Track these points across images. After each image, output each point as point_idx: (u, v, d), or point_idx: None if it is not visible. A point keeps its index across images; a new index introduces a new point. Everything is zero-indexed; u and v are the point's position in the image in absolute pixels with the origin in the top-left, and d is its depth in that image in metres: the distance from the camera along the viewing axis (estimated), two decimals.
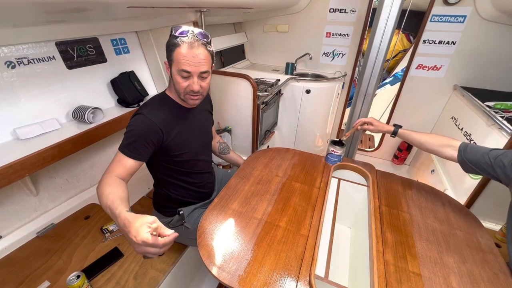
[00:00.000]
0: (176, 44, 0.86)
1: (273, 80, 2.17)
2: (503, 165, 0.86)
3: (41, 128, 1.25)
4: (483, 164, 0.92)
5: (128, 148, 0.90)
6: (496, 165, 0.88)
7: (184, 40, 0.85)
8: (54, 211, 1.38)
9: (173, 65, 0.90)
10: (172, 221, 1.17)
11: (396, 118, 2.46)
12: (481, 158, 0.92)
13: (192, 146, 1.09)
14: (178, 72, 0.89)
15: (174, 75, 0.91)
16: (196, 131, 1.11)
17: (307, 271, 0.77)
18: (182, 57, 0.86)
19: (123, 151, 0.90)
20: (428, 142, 1.08)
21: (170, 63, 0.91)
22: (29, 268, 1.09)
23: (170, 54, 0.89)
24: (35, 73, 1.24)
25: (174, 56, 0.87)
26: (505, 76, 1.94)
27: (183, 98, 0.97)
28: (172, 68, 0.91)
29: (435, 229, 0.97)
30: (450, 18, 1.93)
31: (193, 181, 1.17)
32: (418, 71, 2.18)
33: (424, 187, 1.20)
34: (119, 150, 0.91)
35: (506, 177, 0.86)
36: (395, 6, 1.20)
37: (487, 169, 0.91)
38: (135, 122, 0.92)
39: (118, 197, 0.76)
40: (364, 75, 1.39)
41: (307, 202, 1.06)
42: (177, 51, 0.86)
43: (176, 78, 0.91)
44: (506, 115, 1.41)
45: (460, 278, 0.78)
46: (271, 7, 2.28)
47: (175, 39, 0.86)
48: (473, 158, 0.94)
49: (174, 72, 0.91)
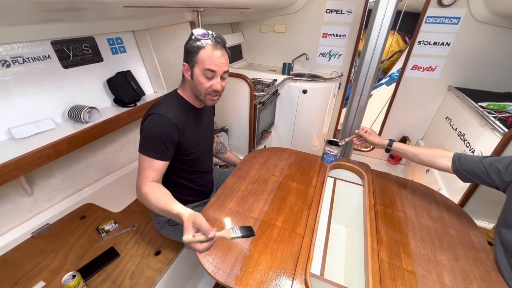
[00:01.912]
0: (200, 46, 0.89)
1: (270, 80, 2.17)
2: (498, 171, 0.87)
3: (36, 128, 1.24)
4: (478, 172, 0.92)
5: (155, 151, 0.91)
6: (491, 172, 0.89)
7: (208, 42, 0.89)
8: (50, 211, 1.37)
9: (196, 66, 0.92)
10: (171, 220, 1.16)
11: (392, 118, 2.48)
12: (476, 166, 0.93)
13: (200, 145, 1.12)
14: (203, 72, 0.92)
15: (197, 76, 0.93)
16: (204, 131, 1.14)
17: (302, 270, 0.77)
18: (207, 57, 0.89)
19: (151, 155, 0.90)
20: (422, 154, 1.08)
21: (193, 64, 0.92)
22: (24, 269, 1.08)
23: (193, 56, 0.91)
24: (30, 72, 1.23)
25: (198, 57, 0.90)
26: (499, 77, 1.97)
27: (203, 98, 0.99)
28: (194, 69, 0.93)
29: (429, 227, 0.98)
30: (445, 20, 1.95)
31: (196, 180, 1.19)
32: (414, 71, 2.20)
33: (419, 186, 1.22)
34: (145, 155, 0.90)
35: (502, 182, 0.87)
36: (390, 8, 1.21)
37: (483, 176, 0.92)
38: (155, 122, 0.91)
39: (166, 199, 0.84)
40: (359, 76, 1.41)
41: (303, 201, 1.07)
42: (202, 52, 0.89)
43: (200, 79, 0.93)
44: (498, 116, 1.43)
45: (453, 276, 0.80)
46: (268, 7, 2.28)
47: (198, 42, 0.90)
48: (468, 167, 0.95)
49: (197, 73, 0.93)
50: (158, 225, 1.21)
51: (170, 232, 1.20)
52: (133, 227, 1.31)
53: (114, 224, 1.31)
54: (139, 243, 1.23)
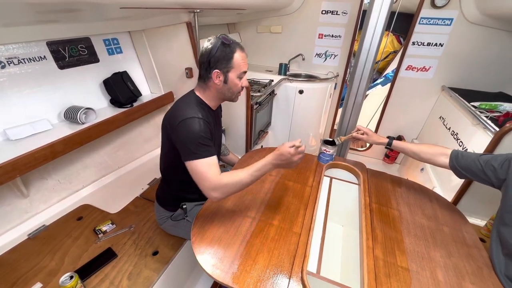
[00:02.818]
0: (233, 51, 0.94)
1: (267, 80, 2.19)
2: (493, 168, 0.90)
3: (32, 129, 1.24)
4: (474, 169, 0.95)
5: (206, 150, 0.90)
6: (487, 169, 0.91)
7: (235, 47, 0.95)
8: (46, 212, 1.37)
9: (232, 71, 0.96)
10: (174, 215, 1.18)
11: (387, 118, 2.51)
12: (472, 163, 0.96)
13: (218, 146, 1.19)
14: (239, 75, 0.98)
15: (232, 79, 0.98)
16: (219, 132, 1.22)
17: (299, 268, 0.79)
18: (241, 60, 0.96)
19: (205, 155, 0.89)
20: (422, 152, 1.10)
21: (227, 70, 0.95)
22: (21, 270, 1.08)
23: (228, 62, 0.94)
24: (25, 73, 1.23)
25: (233, 63, 0.95)
26: (490, 77, 2.01)
27: (234, 97, 1.05)
28: (229, 74, 0.97)
29: (423, 225, 1.00)
30: (438, 21, 1.98)
31: None
32: (408, 72, 2.23)
33: (413, 185, 1.24)
34: (199, 158, 0.89)
35: (497, 179, 0.90)
36: (384, 9, 1.23)
37: (479, 173, 0.94)
38: (193, 126, 0.90)
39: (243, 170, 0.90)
40: (355, 76, 1.42)
41: (299, 200, 1.08)
42: (237, 56, 0.95)
43: (235, 82, 0.99)
44: (490, 115, 1.46)
45: (446, 272, 0.82)
46: (264, 8, 2.30)
47: (230, 47, 0.93)
48: (464, 164, 0.98)
49: (232, 77, 0.97)
50: (161, 220, 1.22)
51: (171, 227, 1.21)
52: (130, 228, 1.31)
53: (111, 225, 1.31)
54: (136, 243, 1.23)
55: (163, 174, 1.19)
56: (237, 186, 0.89)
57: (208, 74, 0.97)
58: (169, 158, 1.07)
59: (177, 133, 0.91)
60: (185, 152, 0.90)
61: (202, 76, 1.00)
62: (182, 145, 0.91)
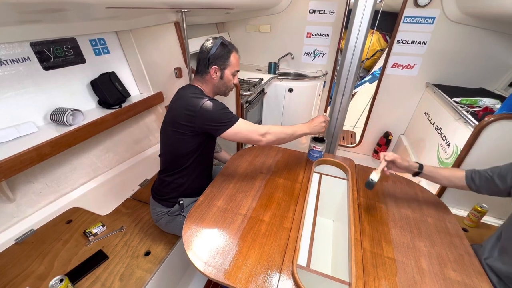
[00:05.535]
0: (231, 50, 1.08)
1: (256, 79, 2.20)
2: (501, 176, 0.92)
3: (17, 132, 1.21)
4: (484, 180, 0.96)
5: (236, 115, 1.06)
6: (496, 177, 0.93)
7: (232, 48, 1.09)
8: (34, 216, 1.34)
9: (228, 68, 1.10)
10: (171, 211, 1.19)
11: (375, 114, 2.57)
12: (482, 176, 0.97)
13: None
14: (233, 72, 1.12)
15: (227, 76, 1.11)
16: None
17: (289, 262, 0.80)
18: (236, 60, 1.11)
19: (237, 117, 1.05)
20: (454, 176, 1.04)
21: (224, 67, 1.09)
22: (8, 276, 1.06)
23: (225, 60, 1.08)
24: (9, 75, 1.20)
25: (230, 61, 1.09)
26: (471, 73, 2.09)
27: (227, 92, 1.18)
28: (225, 71, 1.10)
29: (409, 217, 1.04)
30: (421, 20, 2.04)
31: (205, 173, 1.26)
32: (394, 69, 2.29)
33: (400, 179, 1.28)
34: (236, 121, 1.03)
35: (504, 183, 0.91)
36: (368, 8, 1.26)
37: (489, 185, 0.95)
38: (217, 103, 1.04)
39: (287, 127, 1.15)
40: (341, 74, 1.45)
41: (290, 196, 1.10)
42: (232, 57, 1.09)
43: (230, 78, 1.12)
44: (471, 110, 1.52)
45: (429, 260, 0.85)
46: (253, 7, 2.31)
47: (228, 48, 1.07)
48: (478, 180, 0.98)
49: (228, 74, 1.11)
50: (157, 216, 1.22)
51: (167, 224, 1.22)
52: (121, 229, 1.31)
53: (102, 227, 1.30)
54: (128, 244, 1.22)
55: (166, 167, 1.18)
56: (281, 133, 1.11)
57: (206, 69, 1.08)
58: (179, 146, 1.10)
59: (203, 114, 1.00)
60: (220, 125, 1.01)
61: (200, 71, 1.10)
62: (213, 122, 1.01)
